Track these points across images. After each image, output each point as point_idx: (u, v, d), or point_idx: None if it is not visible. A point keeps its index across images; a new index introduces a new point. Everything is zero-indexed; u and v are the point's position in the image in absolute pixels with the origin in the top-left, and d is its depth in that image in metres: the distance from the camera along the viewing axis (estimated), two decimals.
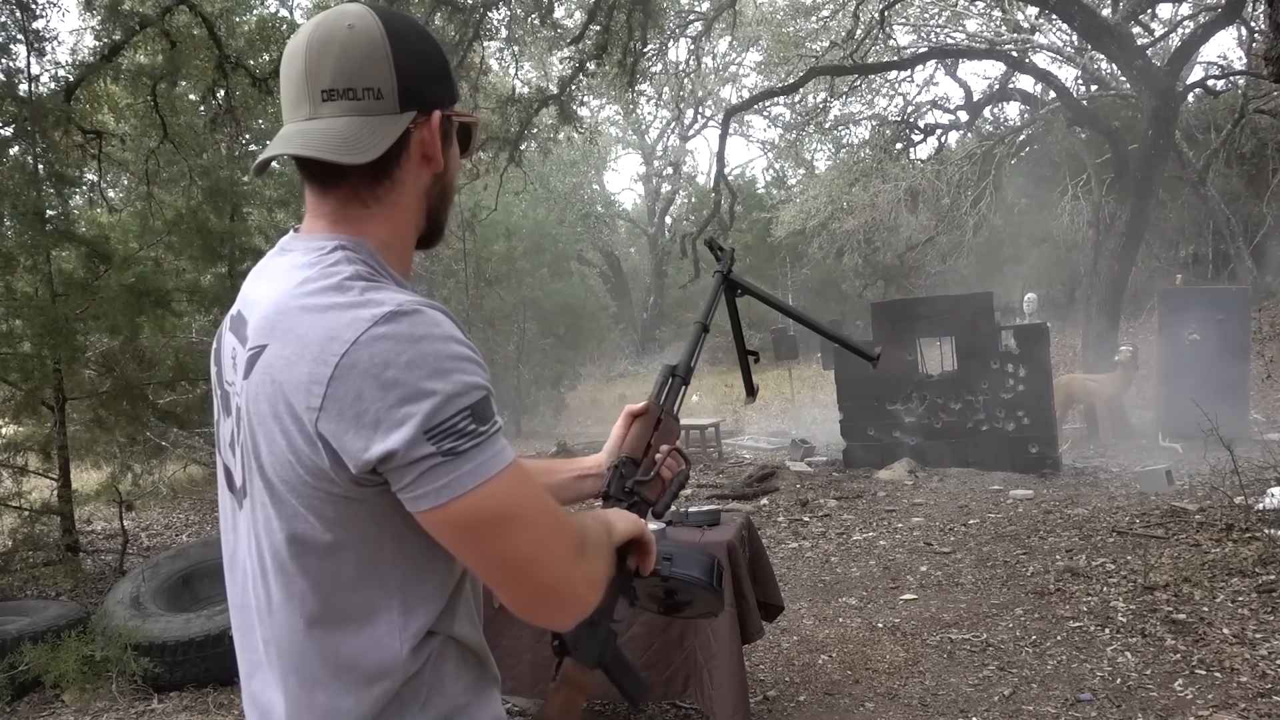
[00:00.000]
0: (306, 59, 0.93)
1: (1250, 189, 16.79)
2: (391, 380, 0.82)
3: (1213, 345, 9.60)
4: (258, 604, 0.95)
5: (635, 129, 28.06)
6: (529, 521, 0.89)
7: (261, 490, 0.91)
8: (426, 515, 0.86)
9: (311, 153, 0.91)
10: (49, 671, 3.94)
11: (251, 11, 8.91)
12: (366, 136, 0.91)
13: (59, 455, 5.95)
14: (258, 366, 0.90)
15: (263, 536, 0.92)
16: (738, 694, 2.85)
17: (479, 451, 0.85)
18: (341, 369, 0.83)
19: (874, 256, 19.55)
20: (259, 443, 0.90)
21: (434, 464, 0.83)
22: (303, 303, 0.88)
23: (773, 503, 7.48)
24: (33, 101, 5.84)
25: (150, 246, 6.72)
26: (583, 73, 11.54)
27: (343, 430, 0.83)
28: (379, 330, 0.83)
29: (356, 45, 0.92)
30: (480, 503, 0.85)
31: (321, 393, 0.84)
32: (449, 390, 0.84)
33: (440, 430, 0.83)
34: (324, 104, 0.93)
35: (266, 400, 0.88)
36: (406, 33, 0.95)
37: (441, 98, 0.98)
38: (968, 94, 15.54)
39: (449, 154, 1.00)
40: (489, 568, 0.89)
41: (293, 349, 0.86)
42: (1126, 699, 3.34)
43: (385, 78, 0.92)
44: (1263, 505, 5.37)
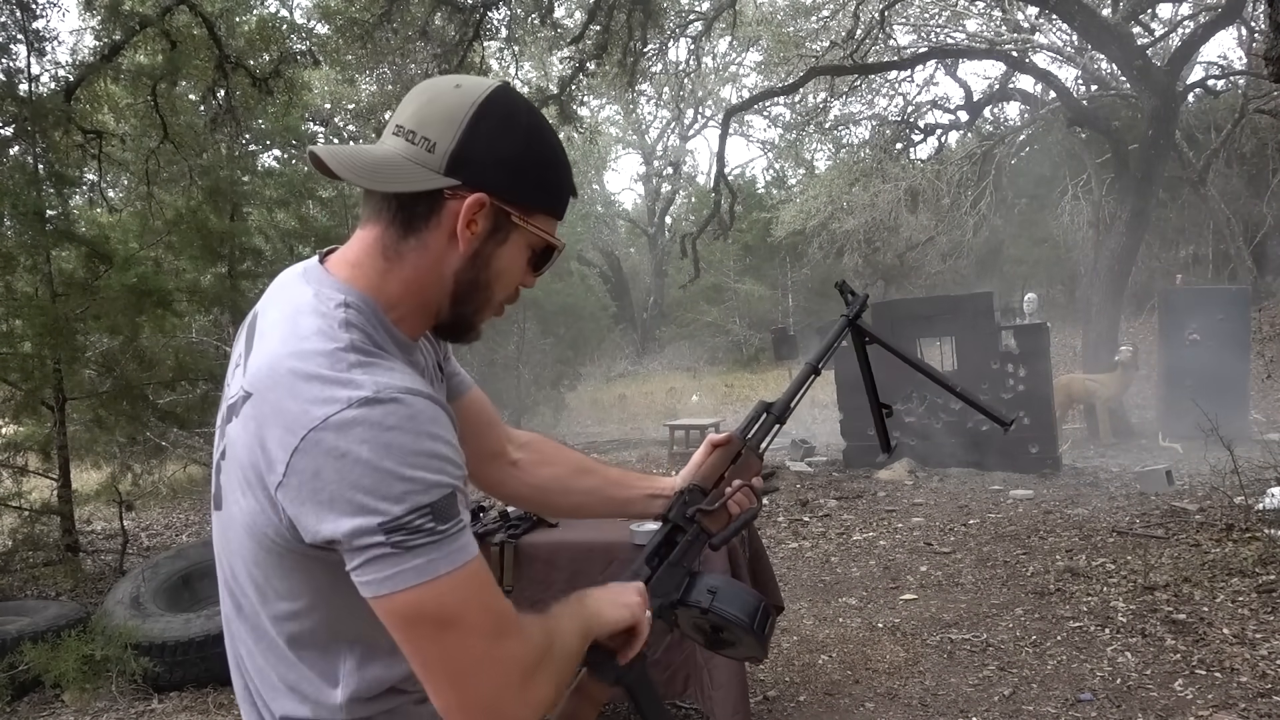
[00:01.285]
0: (409, 97, 0.96)
1: (1250, 189, 16.79)
2: (350, 466, 0.81)
3: (1213, 345, 9.60)
4: (224, 611, 1.00)
5: (635, 129, 28.08)
6: (472, 630, 0.86)
7: (234, 517, 0.93)
8: (374, 604, 0.85)
9: (330, 160, 0.92)
10: (49, 671, 3.94)
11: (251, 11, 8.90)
12: (393, 171, 0.91)
13: (59, 455, 5.95)
14: (243, 411, 0.90)
15: (228, 556, 0.96)
16: (738, 694, 2.85)
17: (433, 549, 0.83)
18: (306, 444, 0.82)
19: (874, 256, 19.55)
20: (234, 480, 0.91)
21: (381, 554, 0.82)
22: (291, 365, 0.87)
23: (773, 503, 7.48)
24: (33, 101, 5.84)
25: (150, 246, 6.71)
26: (583, 73, 11.55)
27: (299, 504, 0.83)
28: (349, 414, 0.82)
29: (444, 100, 0.93)
30: (422, 600, 0.83)
31: (285, 461, 0.83)
32: (408, 487, 0.82)
33: (393, 524, 0.82)
34: (391, 136, 0.94)
35: (244, 447, 0.89)
36: (508, 117, 0.93)
37: (501, 185, 0.93)
38: (968, 94, 15.55)
39: (496, 252, 0.96)
40: (421, 667, 0.87)
41: (270, 409, 0.86)
42: (1126, 699, 3.34)
43: (446, 136, 0.91)
44: (1263, 505, 5.37)
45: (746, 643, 1.11)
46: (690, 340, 23.73)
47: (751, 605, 1.08)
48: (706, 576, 1.10)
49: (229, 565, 0.97)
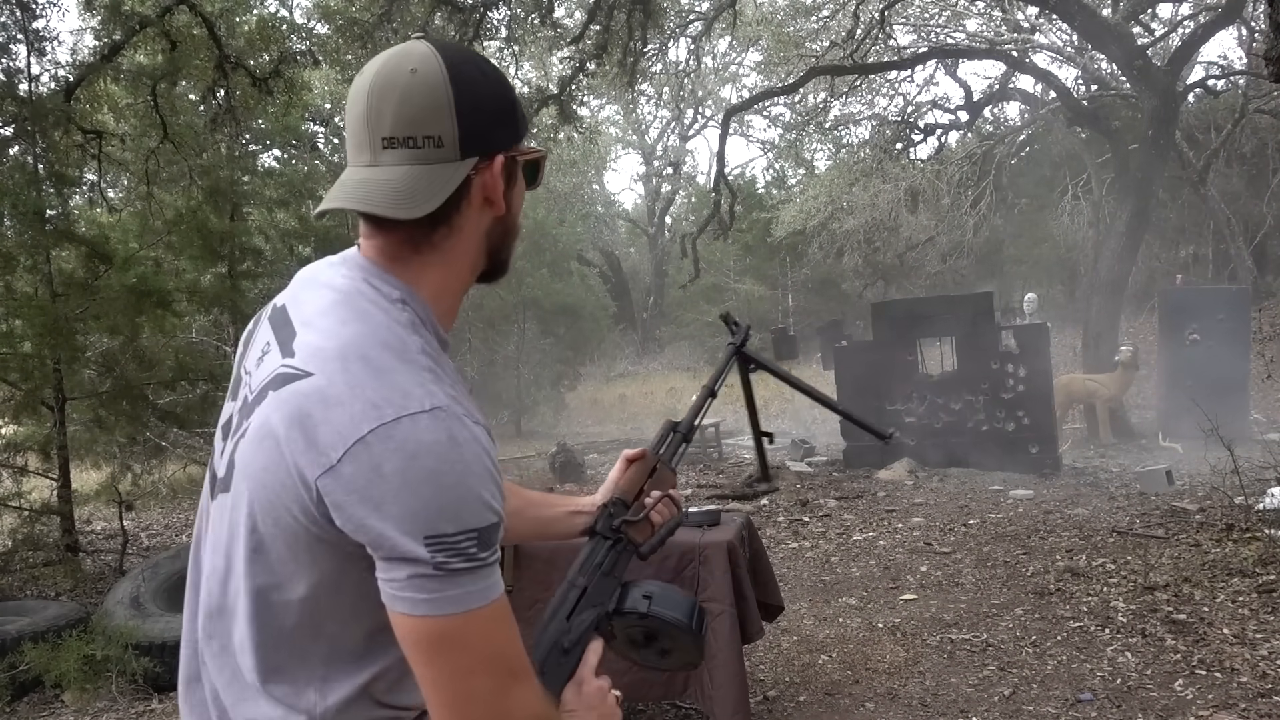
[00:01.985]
0: (368, 104, 0.92)
1: (1250, 189, 16.80)
2: (415, 472, 0.81)
3: (1213, 345, 9.61)
4: (205, 605, 0.96)
5: (635, 129, 28.09)
6: (492, 668, 0.86)
7: (243, 494, 0.90)
8: (395, 616, 0.85)
9: (369, 208, 0.91)
10: (49, 671, 3.94)
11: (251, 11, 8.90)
12: (424, 188, 0.91)
13: (59, 455, 5.95)
14: (293, 386, 0.87)
15: (230, 536, 0.92)
16: (738, 694, 2.85)
17: (469, 579, 0.83)
18: (374, 437, 0.81)
19: (874, 256, 19.55)
20: (257, 453, 0.88)
21: (423, 573, 0.81)
22: (366, 352, 0.87)
23: (773, 503, 7.48)
24: (33, 101, 5.84)
25: (150, 246, 6.72)
26: (583, 73, 11.55)
27: (348, 493, 0.82)
28: (424, 420, 0.82)
29: (418, 91, 0.91)
30: (451, 630, 0.83)
31: (344, 448, 0.82)
32: (465, 507, 0.82)
33: (442, 542, 0.81)
34: (384, 151, 0.92)
35: (286, 423, 0.86)
36: (471, 75, 0.94)
37: (504, 139, 0.97)
38: (968, 94, 15.54)
39: (512, 193, 0.99)
40: (432, 690, 0.86)
41: (337, 393, 0.84)
42: (1127, 699, 3.34)
43: (446, 125, 0.91)
44: (1263, 505, 5.37)
45: (683, 645, 1.11)
46: (690, 340, 23.73)
47: (687, 606, 1.09)
48: (639, 584, 1.11)
49: (226, 551, 0.93)
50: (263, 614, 0.90)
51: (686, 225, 23.90)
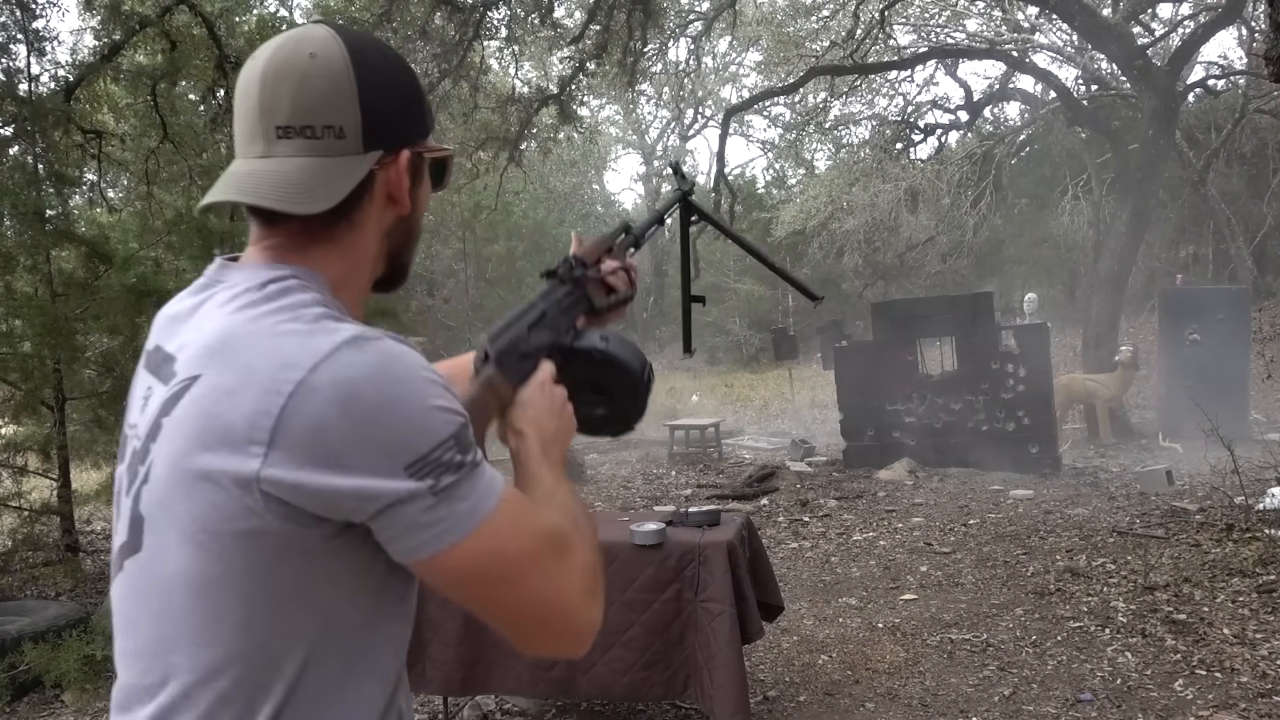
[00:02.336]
0: (262, 90, 0.84)
1: (1250, 189, 16.80)
2: (360, 409, 0.73)
3: (1213, 345, 9.61)
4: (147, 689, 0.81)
5: (635, 129, 28.08)
6: (538, 561, 0.81)
7: (166, 545, 0.78)
8: (424, 565, 0.78)
9: (259, 201, 0.83)
10: (49, 671, 3.94)
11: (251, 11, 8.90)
12: (322, 181, 0.83)
13: (59, 455, 5.95)
14: (185, 399, 0.77)
15: (157, 604, 0.79)
16: (738, 694, 2.85)
17: (469, 486, 0.77)
18: (298, 398, 0.73)
19: (874, 256, 19.55)
20: (173, 487, 0.77)
21: (425, 505, 0.75)
22: (251, 328, 0.78)
23: (773, 503, 7.48)
24: (33, 101, 5.84)
25: (150, 246, 6.71)
26: (583, 73, 11.55)
27: (297, 467, 0.73)
28: (344, 356, 0.75)
29: (318, 77, 0.83)
30: (478, 551, 0.77)
31: (270, 427, 0.73)
32: (428, 420, 0.76)
33: (424, 464, 0.75)
34: (279, 141, 0.84)
35: (192, 437, 0.76)
36: (375, 63, 0.86)
37: (412, 134, 0.89)
38: (968, 94, 15.54)
39: (418, 192, 0.92)
40: (499, 619, 0.82)
41: (233, 378, 0.75)
42: (1127, 699, 3.34)
43: (349, 115, 0.84)
44: (1263, 505, 5.37)
45: (626, 393, 1.11)
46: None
47: (640, 357, 1.10)
48: (596, 330, 1.12)
49: (155, 620, 0.79)
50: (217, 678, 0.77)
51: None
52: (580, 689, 3.06)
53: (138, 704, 0.80)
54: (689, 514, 3.25)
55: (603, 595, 0.88)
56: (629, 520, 3.32)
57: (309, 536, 0.76)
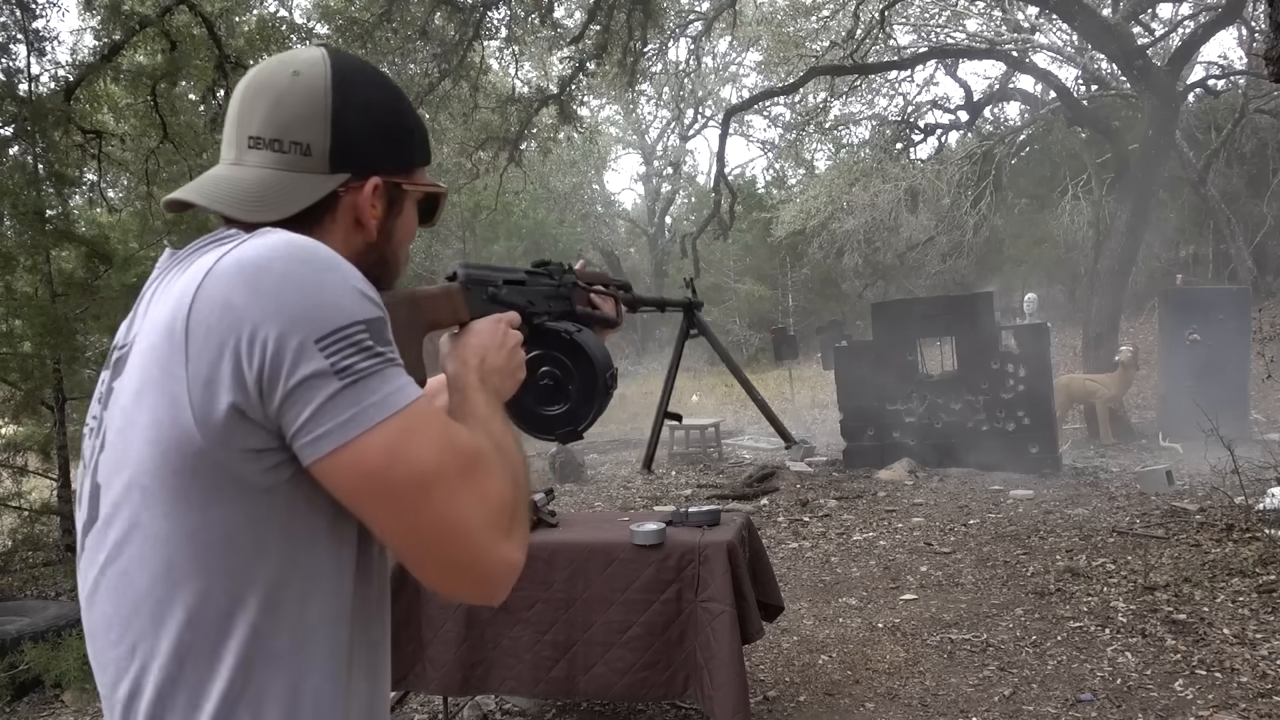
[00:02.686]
0: (242, 101, 0.87)
1: (1250, 189, 16.80)
2: (268, 284, 0.73)
3: (1213, 345, 9.61)
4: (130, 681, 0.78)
5: (635, 129, 28.08)
6: (448, 473, 0.77)
7: (118, 495, 0.77)
8: (325, 463, 0.74)
9: (210, 204, 0.84)
10: (49, 671, 3.95)
11: (251, 11, 8.91)
12: (278, 194, 0.84)
13: (59, 455, 5.96)
14: (131, 353, 0.79)
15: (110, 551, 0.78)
16: (738, 694, 2.85)
17: (382, 379, 0.75)
18: (208, 283, 0.73)
19: (874, 256, 19.56)
20: (124, 442, 0.77)
21: (332, 389, 0.72)
22: (182, 268, 0.80)
23: (773, 503, 7.48)
24: (33, 101, 5.85)
25: (150, 246, 6.72)
26: (583, 73, 11.55)
27: (214, 355, 0.72)
28: (251, 242, 0.76)
29: (294, 95, 0.85)
30: (388, 445, 0.74)
31: (184, 325, 0.73)
32: (341, 298, 0.74)
33: (334, 340, 0.73)
34: (248, 151, 0.86)
35: (134, 383, 0.76)
36: (360, 89, 0.88)
37: (386, 162, 0.90)
38: (968, 94, 15.55)
39: (396, 223, 0.92)
40: (399, 535, 0.78)
41: (161, 307, 0.77)
42: (1127, 699, 3.34)
43: (318, 134, 0.85)
44: (1263, 505, 5.36)
45: (581, 394, 1.11)
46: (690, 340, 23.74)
47: (608, 359, 1.11)
48: (570, 322, 1.14)
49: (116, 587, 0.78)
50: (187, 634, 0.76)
51: (686, 225, 23.91)
52: (580, 689, 3.06)
53: (116, 677, 0.79)
54: (689, 514, 3.25)
55: (521, 538, 0.85)
56: (629, 520, 3.32)
57: (248, 469, 0.74)
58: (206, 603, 0.75)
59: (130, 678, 0.77)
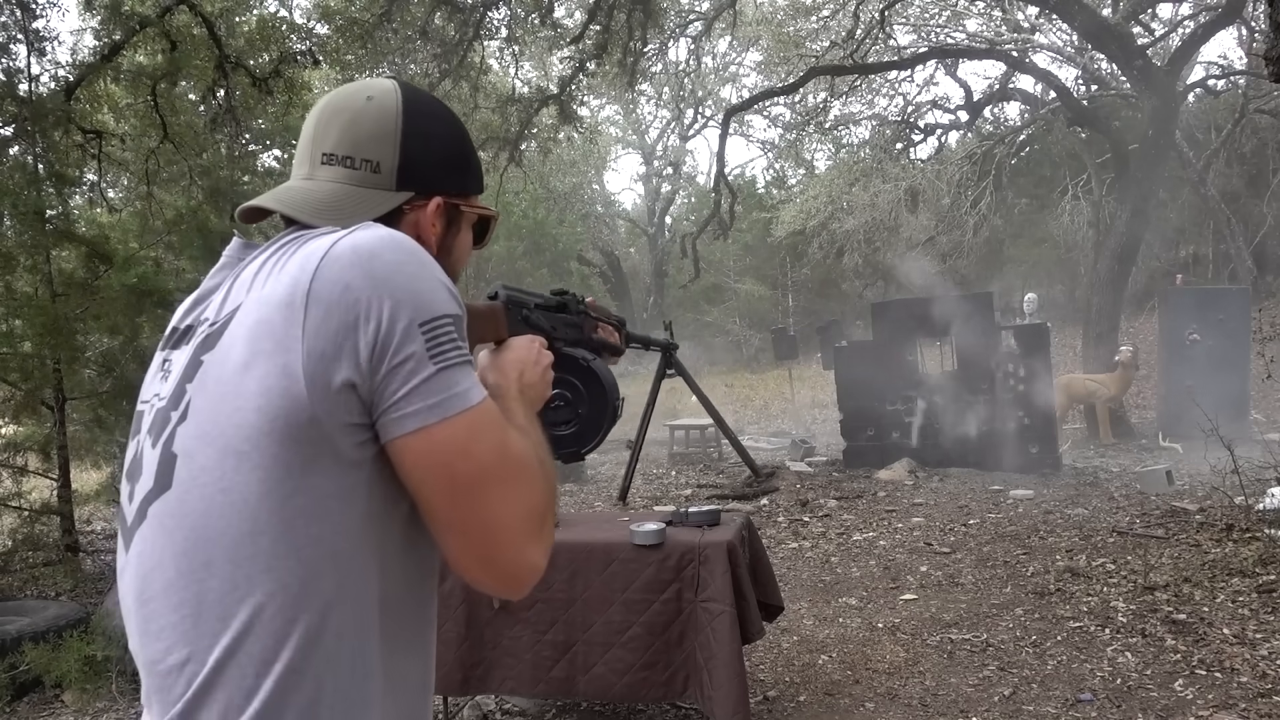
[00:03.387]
0: (317, 122, 0.94)
1: (1250, 189, 16.80)
2: (381, 269, 0.78)
3: (1213, 345, 9.61)
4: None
5: (635, 129, 28.07)
6: (503, 473, 0.83)
7: (205, 462, 0.79)
8: (403, 441, 0.79)
9: (286, 209, 0.90)
10: (49, 671, 3.94)
11: (251, 11, 8.90)
12: (349, 205, 0.90)
13: (59, 455, 5.95)
14: (230, 326, 0.81)
15: (186, 517, 0.79)
16: (738, 694, 2.85)
17: (464, 374, 0.81)
18: (324, 267, 0.78)
19: (874, 256, 19.56)
20: (218, 411, 0.79)
21: (427, 373, 0.78)
22: (283, 252, 0.85)
23: (773, 503, 7.48)
24: (33, 101, 5.84)
25: (150, 246, 6.71)
26: (583, 73, 11.55)
27: (330, 329, 0.77)
28: (361, 232, 0.82)
29: (368, 117, 0.92)
30: (461, 434, 0.80)
31: (303, 301, 0.77)
32: (437, 292, 0.81)
33: (433, 327, 0.79)
34: (321, 167, 0.93)
35: (239, 353, 0.78)
36: (427, 116, 0.95)
37: (449, 185, 0.97)
38: (968, 94, 15.55)
39: (453, 241, 0.99)
40: (450, 517, 0.82)
41: (272, 286, 0.80)
42: (1127, 699, 3.34)
43: (387, 153, 0.92)
44: (1263, 505, 5.37)
45: (591, 417, 1.17)
46: (690, 340, 23.73)
47: (617, 389, 1.18)
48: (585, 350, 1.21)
49: (188, 550, 0.78)
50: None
51: (686, 225, 23.90)
52: (580, 689, 3.06)
53: (172, 643, 0.79)
54: (689, 514, 3.25)
55: (547, 544, 0.89)
56: (629, 520, 3.32)
57: (346, 442, 0.78)
58: (288, 569, 0.78)
59: (189, 644, 0.78)
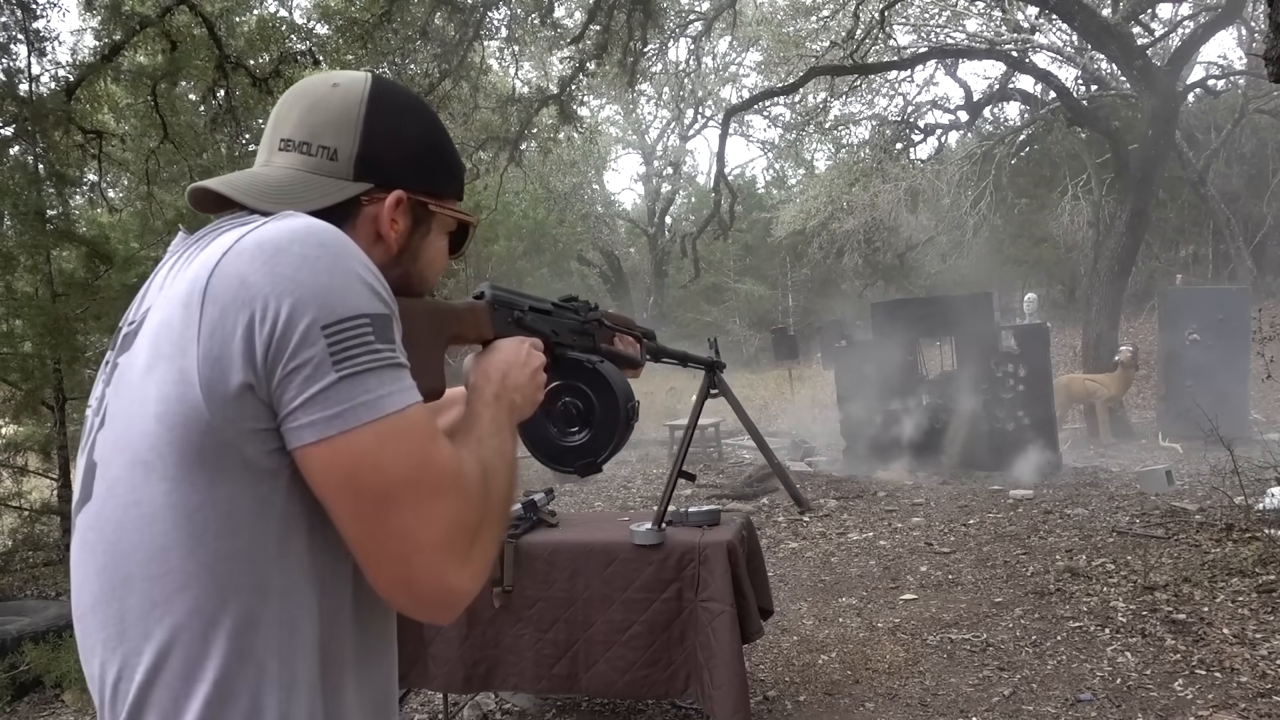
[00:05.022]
0: (280, 108, 0.89)
1: (1250, 189, 16.81)
2: (285, 266, 0.73)
3: (1213, 345, 9.61)
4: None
5: (635, 129, 28.07)
6: (421, 488, 0.76)
7: (117, 473, 0.76)
8: (303, 451, 0.73)
9: (234, 194, 0.84)
10: (49, 671, 3.94)
11: (251, 11, 8.91)
12: (298, 190, 0.85)
13: (59, 455, 5.96)
14: (141, 329, 0.78)
15: (103, 530, 0.77)
16: (738, 694, 2.85)
17: (378, 379, 0.74)
18: (225, 261, 0.74)
19: (874, 256, 19.56)
20: (126, 417, 0.76)
21: (327, 380, 0.72)
22: (198, 247, 0.80)
23: (772, 503, 7.48)
24: (33, 101, 5.85)
25: (150, 246, 6.72)
26: (583, 73, 11.55)
27: (225, 327, 0.72)
28: (273, 223, 0.77)
29: (329, 103, 0.87)
30: (367, 445, 0.73)
31: (200, 298, 0.73)
32: (349, 290, 0.74)
33: (338, 330, 0.72)
34: (278, 153, 0.88)
35: (143, 358, 0.75)
36: (396, 108, 0.90)
37: (415, 181, 0.90)
38: (968, 94, 15.56)
39: (421, 244, 0.93)
40: (361, 535, 0.76)
41: (178, 285, 0.76)
42: (1126, 699, 3.34)
43: (346, 141, 0.87)
44: (1263, 505, 5.37)
45: (603, 425, 1.11)
46: (690, 340, 23.73)
47: (629, 391, 1.12)
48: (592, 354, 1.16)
49: (107, 566, 0.76)
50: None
51: (686, 225, 23.91)
52: (582, 686, 3.06)
53: (105, 661, 0.77)
54: (689, 514, 3.25)
55: (478, 568, 0.82)
56: (629, 520, 3.33)
57: (254, 449, 0.73)
58: (202, 585, 0.74)
59: (118, 662, 0.76)
